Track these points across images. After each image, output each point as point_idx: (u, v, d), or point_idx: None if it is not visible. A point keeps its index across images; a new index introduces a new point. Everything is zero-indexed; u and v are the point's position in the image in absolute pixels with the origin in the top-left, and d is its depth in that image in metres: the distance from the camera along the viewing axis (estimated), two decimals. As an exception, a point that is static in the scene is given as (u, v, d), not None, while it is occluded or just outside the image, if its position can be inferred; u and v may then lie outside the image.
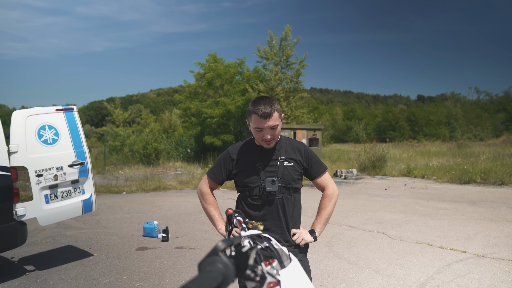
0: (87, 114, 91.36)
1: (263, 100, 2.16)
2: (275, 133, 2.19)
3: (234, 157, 2.33)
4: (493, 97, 71.75)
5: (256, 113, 2.13)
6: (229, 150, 2.37)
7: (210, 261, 0.73)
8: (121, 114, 27.96)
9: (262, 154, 2.29)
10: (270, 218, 2.24)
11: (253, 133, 2.24)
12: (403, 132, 58.71)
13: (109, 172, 17.27)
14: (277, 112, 2.16)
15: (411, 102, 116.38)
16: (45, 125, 4.72)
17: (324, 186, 2.41)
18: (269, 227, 2.23)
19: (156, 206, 9.21)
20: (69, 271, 4.76)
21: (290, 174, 2.27)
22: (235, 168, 2.32)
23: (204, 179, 2.43)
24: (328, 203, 2.38)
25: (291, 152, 2.32)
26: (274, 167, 2.26)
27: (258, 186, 2.24)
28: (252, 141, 2.36)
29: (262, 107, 2.12)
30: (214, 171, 2.38)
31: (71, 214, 4.94)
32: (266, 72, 21.12)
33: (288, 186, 2.27)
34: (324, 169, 2.41)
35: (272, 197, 2.23)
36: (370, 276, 4.54)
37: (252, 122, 2.19)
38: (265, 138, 2.17)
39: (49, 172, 4.64)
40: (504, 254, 5.29)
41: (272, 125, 2.14)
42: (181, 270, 4.80)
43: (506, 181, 13.08)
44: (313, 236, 2.31)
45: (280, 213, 2.25)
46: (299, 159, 2.33)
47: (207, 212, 2.38)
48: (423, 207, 8.89)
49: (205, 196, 2.40)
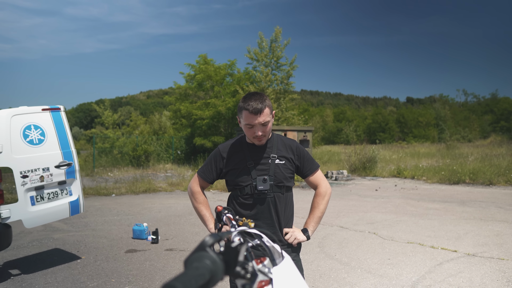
0: (76, 116, 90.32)
1: (254, 96, 2.11)
2: (266, 130, 2.14)
3: (224, 156, 2.27)
4: (480, 99, 72.71)
5: (246, 109, 2.07)
6: (220, 148, 2.31)
7: (197, 257, 0.67)
8: (110, 116, 27.63)
9: (253, 152, 2.24)
10: (262, 217, 2.20)
11: (244, 130, 2.18)
12: (392, 133, 59.07)
13: (98, 174, 17.04)
14: (268, 108, 2.11)
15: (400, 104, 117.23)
16: (31, 125, 4.60)
17: (317, 184, 2.37)
18: (261, 226, 2.18)
19: (145, 208, 9.09)
20: (56, 274, 4.64)
21: (282, 172, 2.22)
22: (226, 166, 2.27)
23: (195, 178, 2.37)
24: (321, 201, 2.33)
25: (283, 150, 2.28)
26: (266, 165, 2.22)
27: (250, 184, 2.20)
28: (243, 139, 2.31)
29: (253, 102, 2.06)
30: (205, 170, 2.33)
31: (58, 216, 4.82)
32: (257, 73, 21.08)
33: (280, 185, 2.22)
34: (316, 167, 2.37)
35: (263, 196, 2.19)
36: (362, 276, 4.52)
37: (242, 119, 2.13)
38: (256, 135, 2.12)
39: (34, 173, 4.52)
40: (494, 253, 5.32)
41: (263, 121, 2.09)
42: (171, 272, 4.72)
43: (494, 181, 13.23)
44: (306, 235, 2.26)
45: (272, 212, 2.21)
46: (291, 157, 2.28)
47: (198, 211, 2.33)
48: (414, 207, 8.92)
49: (195, 195, 2.33)
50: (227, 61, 23.23)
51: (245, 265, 0.74)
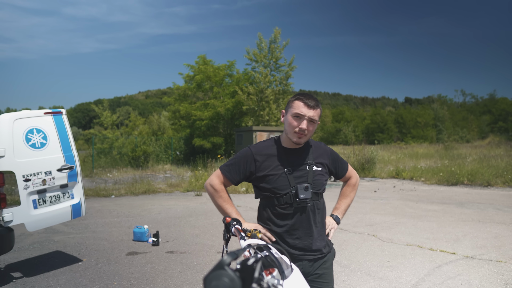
0: (74, 116, 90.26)
1: (311, 95, 2.08)
2: (311, 129, 2.05)
3: (258, 159, 2.11)
4: (478, 100, 72.96)
5: (301, 99, 2.02)
6: (252, 149, 2.15)
7: (216, 275, 0.71)
8: (109, 116, 27.63)
9: (289, 157, 2.12)
10: (301, 227, 2.09)
11: (288, 122, 2.06)
12: (391, 134, 59.23)
13: (97, 175, 17.05)
14: (320, 111, 2.08)
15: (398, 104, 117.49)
16: (33, 128, 4.63)
17: (349, 177, 2.43)
18: (300, 236, 2.09)
19: (145, 210, 9.12)
20: (58, 277, 4.67)
21: (319, 180, 2.14)
22: (259, 171, 2.10)
23: (217, 175, 2.18)
24: (352, 190, 2.42)
25: (318, 156, 2.20)
26: (303, 171, 2.11)
27: (289, 193, 2.06)
28: (277, 142, 2.18)
29: (310, 99, 2.04)
30: (231, 169, 2.15)
31: (60, 219, 4.85)
32: (256, 74, 21.15)
33: (318, 192, 2.14)
34: (347, 165, 2.40)
35: (303, 205, 2.07)
36: (362, 279, 4.56)
37: (292, 108, 2.04)
38: (301, 127, 2.00)
39: (37, 176, 4.55)
40: (492, 255, 5.37)
41: (312, 117, 2.02)
42: (173, 274, 4.75)
43: (492, 182, 13.29)
44: (337, 221, 2.34)
45: (311, 221, 2.11)
46: (326, 162, 2.22)
47: (224, 210, 2.15)
48: (412, 209, 8.98)
49: (220, 193, 2.15)
50: (226, 61, 23.32)
51: (261, 282, 0.78)
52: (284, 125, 2.11)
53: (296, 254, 2.07)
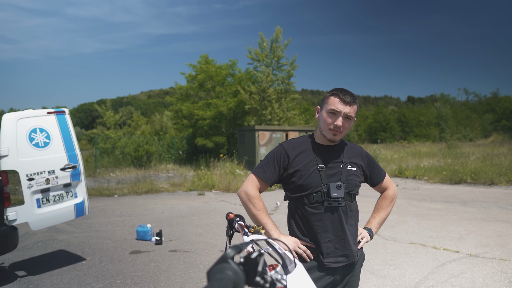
0: (77, 116, 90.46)
1: (347, 90, 1.98)
2: (347, 126, 1.97)
3: (290, 154, 2.01)
4: (481, 98, 72.79)
5: (337, 95, 1.94)
6: (284, 145, 2.05)
7: (220, 268, 0.71)
8: (112, 116, 27.75)
9: (323, 154, 2.02)
10: (333, 229, 1.97)
11: (323, 118, 1.98)
12: (394, 133, 59.11)
13: (100, 175, 17.11)
14: (357, 107, 1.98)
15: (401, 103, 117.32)
16: (36, 128, 4.65)
17: (386, 188, 2.27)
18: (331, 239, 1.97)
19: (148, 209, 9.14)
20: (62, 276, 4.69)
21: (353, 180, 2.03)
22: (292, 166, 1.99)
23: (251, 179, 2.05)
24: (389, 204, 2.25)
25: (353, 156, 2.10)
26: (336, 169, 2.00)
27: (320, 191, 1.95)
28: (311, 137, 2.10)
29: (346, 95, 1.95)
30: (265, 169, 2.02)
31: (63, 218, 4.87)
32: (258, 73, 21.14)
33: (351, 193, 2.03)
34: (384, 173, 2.25)
35: (335, 205, 1.95)
36: (365, 277, 4.55)
37: (327, 104, 1.96)
38: (337, 124, 1.92)
39: (40, 175, 4.57)
40: (496, 253, 5.35)
41: (348, 114, 1.94)
42: (176, 273, 4.76)
43: (496, 181, 13.25)
44: (370, 235, 2.16)
45: (343, 223, 1.99)
46: (361, 164, 2.12)
47: (258, 219, 1.98)
48: (416, 208, 8.96)
49: (254, 200, 1.99)
50: (228, 61, 23.32)
51: (264, 275, 0.78)
52: (319, 122, 2.03)
53: (329, 262, 1.96)
